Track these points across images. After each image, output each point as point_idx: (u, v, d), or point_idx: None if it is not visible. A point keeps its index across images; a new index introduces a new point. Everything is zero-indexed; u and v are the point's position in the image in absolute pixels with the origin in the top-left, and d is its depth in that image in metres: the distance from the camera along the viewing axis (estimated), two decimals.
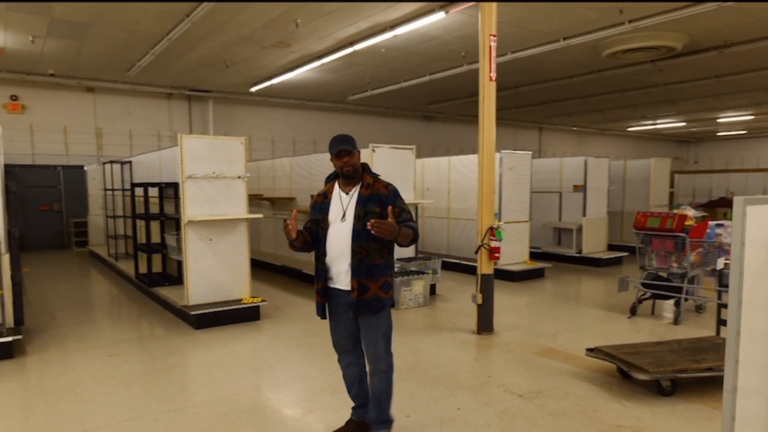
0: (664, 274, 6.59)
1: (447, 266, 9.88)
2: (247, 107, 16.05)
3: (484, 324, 5.92)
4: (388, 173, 7.50)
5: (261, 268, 10.03)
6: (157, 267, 8.19)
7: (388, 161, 7.60)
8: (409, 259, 7.74)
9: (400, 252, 7.72)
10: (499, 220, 9.05)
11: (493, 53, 5.84)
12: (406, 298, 7.14)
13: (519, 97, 16.13)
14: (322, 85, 14.14)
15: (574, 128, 24.59)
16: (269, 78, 13.04)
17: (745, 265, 2.03)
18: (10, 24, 8.88)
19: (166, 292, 7.01)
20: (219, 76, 13.02)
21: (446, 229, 10.51)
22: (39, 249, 13.40)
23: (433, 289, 7.83)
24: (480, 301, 5.89)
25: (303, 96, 15.83)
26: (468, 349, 5.45)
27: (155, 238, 7.85)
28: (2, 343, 5.05)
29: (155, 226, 7.87)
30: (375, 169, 7.16)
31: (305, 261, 8.74)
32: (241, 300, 6.51)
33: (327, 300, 3.28)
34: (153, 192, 7.67)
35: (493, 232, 5.87)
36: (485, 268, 5.91)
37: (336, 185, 3.27)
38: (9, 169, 11.78)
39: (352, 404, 3.51)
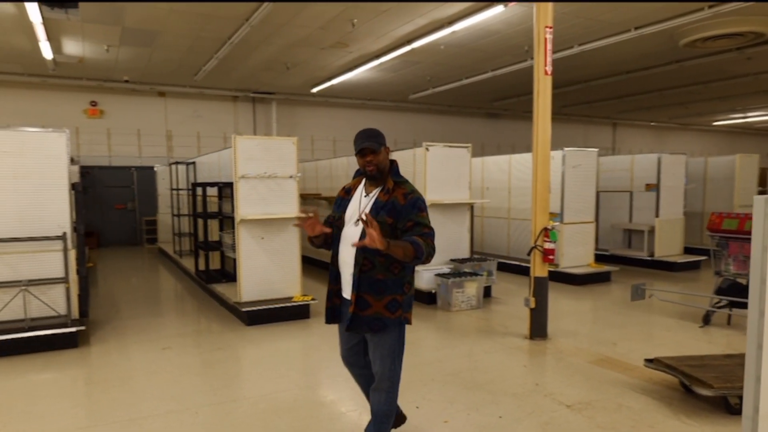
0: (743, 281, 6.01)
1: (506, 268, 9.56)
2: (309, 108, 16.31)
3: (537, 329, 5.64)
4: (443, 172, 7.40)
5: (318, 267, 10.12)
6: (216, 264, 8.47)
7: (443, 160, 7.42)
8: (463, 260, 7.52)
9: (454, 252, 7.54)
10: (561, 221, 8.71)
11: (549, 45, 5.56)
12: (458, 300, 6.94)
13: (589, 91, 15.36)
14: (382, 84, 14.11)
15: (652, 123, 23.15)
16: (329, 79, 13.18)
17: None
18: (87, 34, 9.48)
19: (222, 289, 7.20)
20: (280, 78, 13.30)
21: (506, 230, 10.17)
22: (114, 245, 14.28)
23: (488, 292, 7.58)
24: (533, 305, 5.60)
25: (364, 96, 15.87)
26: (518, 354, 5.20)
27: (214, 236, 8.11)
28: (67, 333, 5.35)
29: (213, 224, 8.13)
30: (429, 169, 7.22)
31: None
32: (291, 298, 6.57)
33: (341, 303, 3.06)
34: (212, 191, 7.92)
35: (547, 233, 5.58)
36: (539, 270, 5.62)
37: (362, 182, 3.04)
38: (86, 170, 12.67)
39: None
